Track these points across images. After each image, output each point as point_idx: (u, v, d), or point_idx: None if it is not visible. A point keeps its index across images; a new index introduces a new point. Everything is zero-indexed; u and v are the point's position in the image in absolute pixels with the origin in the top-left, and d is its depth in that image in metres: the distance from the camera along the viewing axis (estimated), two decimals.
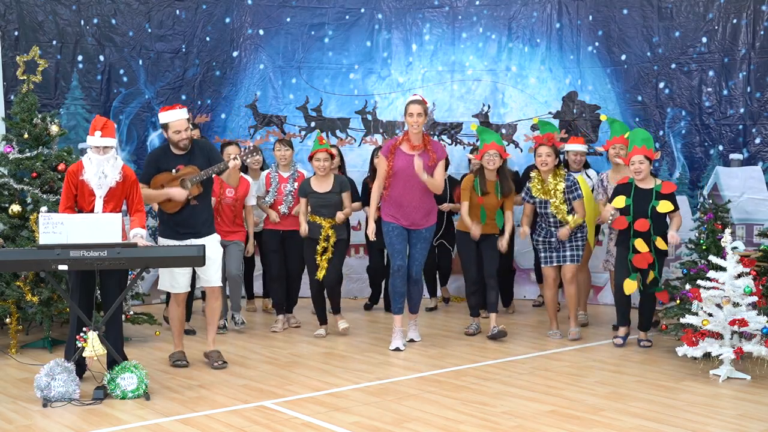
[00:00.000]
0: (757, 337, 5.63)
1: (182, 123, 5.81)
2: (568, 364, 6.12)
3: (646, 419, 4.71)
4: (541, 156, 6.91)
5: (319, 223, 7.09)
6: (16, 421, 4.71)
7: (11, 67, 7.74)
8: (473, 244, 7.13)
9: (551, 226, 7.02)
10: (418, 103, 6.51)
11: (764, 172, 7.71)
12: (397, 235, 6.65)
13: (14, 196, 6.69)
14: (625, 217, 6.53)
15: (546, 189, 6.94)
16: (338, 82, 9.47)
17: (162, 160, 5.92)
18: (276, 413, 4.84)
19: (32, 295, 6.27)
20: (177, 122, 5.80)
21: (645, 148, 6.53)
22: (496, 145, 7.04)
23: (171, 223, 5.94)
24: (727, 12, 8.00)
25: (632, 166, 6.54)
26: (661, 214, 6.51)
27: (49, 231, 4.98)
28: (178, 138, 5.80)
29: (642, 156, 6.50)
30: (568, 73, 9.06)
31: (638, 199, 6.53)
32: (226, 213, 7.25)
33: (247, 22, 9.29)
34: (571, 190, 6.94)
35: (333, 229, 7.10)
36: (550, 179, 6.93)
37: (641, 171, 6.51)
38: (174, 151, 5.90)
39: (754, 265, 5.87)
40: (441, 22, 9.44)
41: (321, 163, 7.08)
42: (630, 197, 6.54)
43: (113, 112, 8.60)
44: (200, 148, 6.02)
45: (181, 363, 5.99)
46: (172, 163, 5.89)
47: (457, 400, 5.11)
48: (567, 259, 7.01)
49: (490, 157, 6.99)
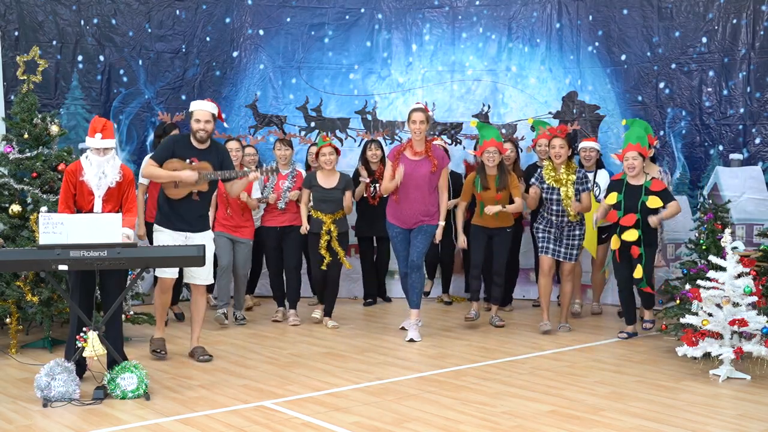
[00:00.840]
0: (757, 337, 5.63)
1: (204, 114, 6.00)
2: (568, 364, 6.12)
3: (646, 419, 4.71)
4: (555, 148, 7.09)
5: (321, 219, 7.29)
6: (16, 421, 4.70)
7: (11, 67, 7.74)
8: (486, 236, 7.38)
9: (552, 215, 7.16)
10: (420, 111, 6.84)
11: (764, 172, 7.71)
12: (401, 241, 7.00)
13: (14, 196, 6.68)
14: (616, 212, 6.78)
15: (558, 177, 7.08)
16: (338, 82, 9.46)
17: (180, 146, 6.08)
18: (276, 413, 4.84)
19: (32, 295, 6.27)
20: (199, 112, 6.02)
21: (639, 146, 6.74)
22: (495, 141, 7.22)
23: (168, 212, 6.03)
24: (727, 12, 8.00)
25: (626, 162, 6.77)
26: (651, 210, 6.71)
27: (49, 231, 4.98)
28: (196, 127, 6.00)
29: (636, 152, 6.72)
30: (568, 73, 9.06)
31: (629, 194, 6.76)
32: (234, 207, 7.46)
33: (247, 22, 9.29)
34: (582, 182, 7.13)
35: (335, 224, 7.32)
36: (563, 169, 7.10)
37: (634, 167, 6.71)
38: (193, 142, 6.06)
39: (754, 265, 5.87)
40: (441, 22, 9.44)
41: (327, 157, 7.31)
42: (621, 193, 6.78)
43: (113, 112, 8.60)
44: (218, 149, 6.21)
45: (159, 353, 6.12)
46: (188, 153, 6.03)
47: (457, 400, 5.11)
48: (562, 255, 7.20)
49: (489, 154, 7.19)
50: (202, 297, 6.24)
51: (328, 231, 7.29)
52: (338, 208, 7.35)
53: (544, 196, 7.18)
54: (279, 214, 7.62)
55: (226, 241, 7.46)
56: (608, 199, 6.84)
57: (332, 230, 7.29)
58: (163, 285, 6.13)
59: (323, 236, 7.29)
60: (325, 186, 7.35)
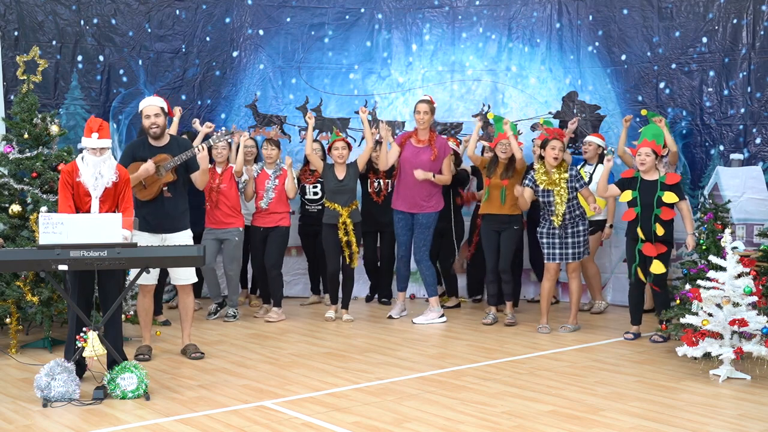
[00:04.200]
0: (757, 337, 5.63)
1: (152, 108, 6.00)
2: (568, 364, 6.12)
3: (646, 419, 4.71)
4: (554, 149, 7.14)
5: (337, 210, 7.57)
6: (16, 421, 4.70)
7: (11, 67, 7.75)
8: (495, 234, 7.54)
9: (551, 216, 7.21)
10: (425, 102, 7.56)
11: (764, 172, 7.70)
12: (403, 227, 7.68)
13: (14, 196, 6.68)
14: (633, 208, 6.79)
15: (551, 179, 7.11)
16: (338, 82, 9.46)
17: (138, 149, 6.11)
18: (276, 413, 4.84)
19: (32, 295, 6.27)
20: (147, 107, 6.02)
21: (654, 143, 6.79)
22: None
23: (145, 215, 6.03)
24: (727, 12, 8.00)
25: (638, 157, 6.82)
26: (668, 204, 6.70)
27: (49, 231, 4.98)
28: (147, 123, 6.01)
29: (649, 149, 6.77)
30: (568, 73, 9.06)
31: (644, 190, 6.76)
32: (223, 200, 7.58)
33: (247, 22, 9.29)
34: (575, 180, 7.19)
35: (350, 217, 7.59)
36: (554, 170, 7.14)
37: (645, 163, 6.76)
38: (151, 142, 6.07)
39: (754, 265, 5.87)
40: (441, 22, 9.43)
41: (339, 152, 7.62)
42: (636, 190, 6.78)
43: (113, 112, 8.60)
44: (178, 143, 6.20)
45: (143, 357, 6.09)
46: (147, 153, 6.05)
47: (457, 400, 5.11)
48: (569, 257, 7.22)
49: (503, 146, 7.48)
50: (189, 296, 6.28)
51: (344, 223, 7.55)
52: (352, 200, 7.65)
53: (540, 200, 7.22)
54: (265, 214, 7.81)
55: (211, 241, 7.57)
56: (623, 197, 6.85)
57: (348, 223, 7.55)
58: (143, 289, 6.17)
59: (340, 228, 7.55)
60: (339, 177, 7.63)
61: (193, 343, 6.33)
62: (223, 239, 7.66)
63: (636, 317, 7.04)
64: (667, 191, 6.69)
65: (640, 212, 6.75)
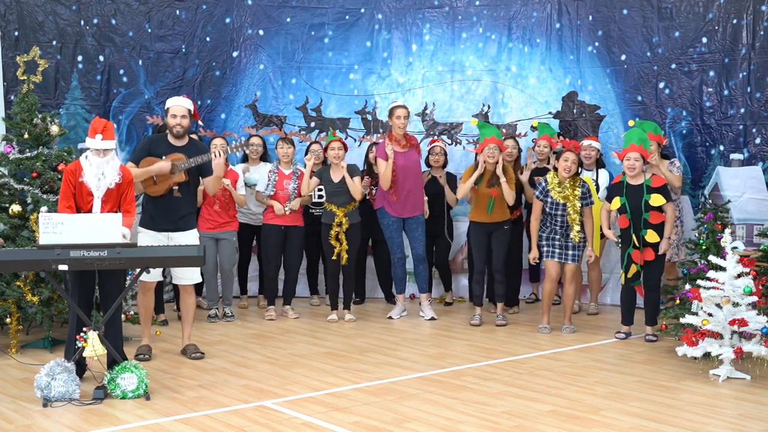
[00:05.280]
0: (757, 337, 5.63)
1: (180, 109, 6.06)
2: (568, 364, 6.12)
3: (646, 419, 4.71)
4: (567, 161, 7.08)
5: (334, 211, 7.57)
6: (16, 421, 4.70)
7: (11, 67, 7.75)
8: (485, 236, 7.50)
9: (557, 225, 7.16)
10: (404, 108, 7.70)
11: (764, 172, 7.70)
12: (395, 230, 7.73)
13: (14, 196, 6.68)
14: (625, 215, 6.75)
15: (566, 194, 7.07)
16: (338, 82, 9.46)
17: (156, 144, 6.14)
18: (276, 413, 4.84)
19: (32, 295, 6.27)
20: (175, 107, 6.07)
21: (641, 147, 6.73)
22: (496, 139, 7.40)
23: (151, 211, 6.07)
24: (727, 12, 8.00)
25: (626, 162, 6.74)
26: (656, 208, 6.68)
27: (49, 231, 4.98)
28: (173, 122, 6.05)
29: (637, 154, 6.70)
30: (568, 73, 9.06)
31: (631, 195, 6.74)
32: (221, 203, 7.62)
33: (247, 22, 9.29)
34: (585, 197, 7.14)
35: (346, 217, 7.56)
36: (568, 183, 7.07)
37: (635, 168, 6.70)
38: (170, 139, 6.10)
39: (754, 265, 5.87)
40: (441, 22, 9.43)
41: (335, 152, 7.60)
42: (623, 195, 6.75)
43: (113, 112, 8.60)
44: (196, 146, 6.23)
45: (143, 357, 6.08)
46: (165, 150, 6.07)
47: (457, 400, 5.11)
48: (569, 258, 7.17)
49: (489, 150, 7.35)
50: (191, 296, 6.28)
51: (339, 223, 7.53)
52: (349, 201, 7.60)
53: (548, 210, 7.16)
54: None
55: (209, 242, 7.58)
56: (612, 204, 6.82)
57: (343, 222, 7.54)
58: (143, 287, 6.17)
59: (334, 227, 7.54)
60: (335, 180, 7.60)
61: (193, 343, 6.33)
62: (219, 239, 7.70)
63: (627, 317, 7.01)
64: (653, 194, 6.66)
65: (631, 218, 6.73)
